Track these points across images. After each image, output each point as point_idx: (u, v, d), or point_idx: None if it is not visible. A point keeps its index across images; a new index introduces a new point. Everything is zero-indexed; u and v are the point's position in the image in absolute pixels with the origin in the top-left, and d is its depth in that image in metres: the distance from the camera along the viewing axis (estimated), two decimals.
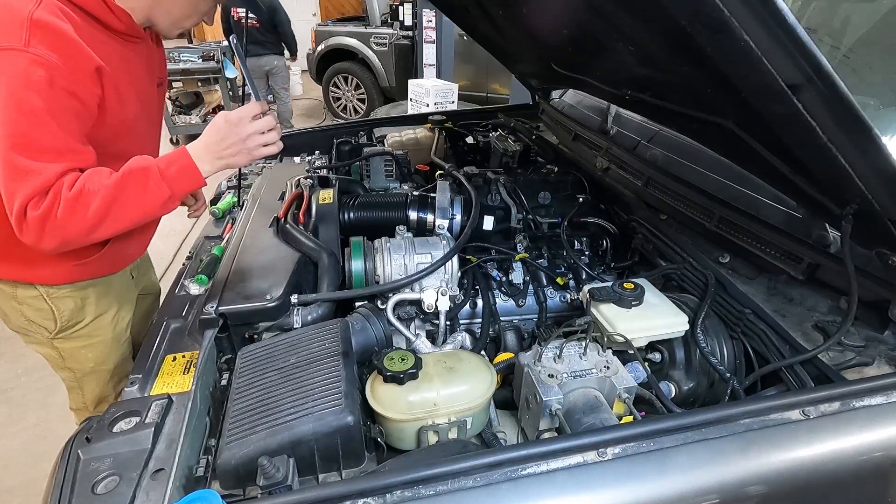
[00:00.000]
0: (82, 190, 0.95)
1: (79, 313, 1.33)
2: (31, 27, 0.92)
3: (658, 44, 1.01)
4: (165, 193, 1.01)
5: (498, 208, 1.55)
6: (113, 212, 0.97)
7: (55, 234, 0.96)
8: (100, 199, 0.96)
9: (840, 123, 0.76)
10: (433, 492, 0.69)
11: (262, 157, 1.10)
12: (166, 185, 1.01)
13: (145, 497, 0.74)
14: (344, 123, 2.52)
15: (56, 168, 0.95)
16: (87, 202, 0.95)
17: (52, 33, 0.95)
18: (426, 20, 5.44)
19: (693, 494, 0.73)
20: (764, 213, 1.18)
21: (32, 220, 0.94)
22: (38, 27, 0.93)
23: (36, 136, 0.94)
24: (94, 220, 0.96)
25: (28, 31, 0.92)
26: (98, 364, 1.42)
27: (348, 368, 0.94)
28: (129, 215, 1.01)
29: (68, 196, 0.94)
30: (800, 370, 0.95)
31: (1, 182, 0.96)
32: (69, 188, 0.95)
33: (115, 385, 1.47)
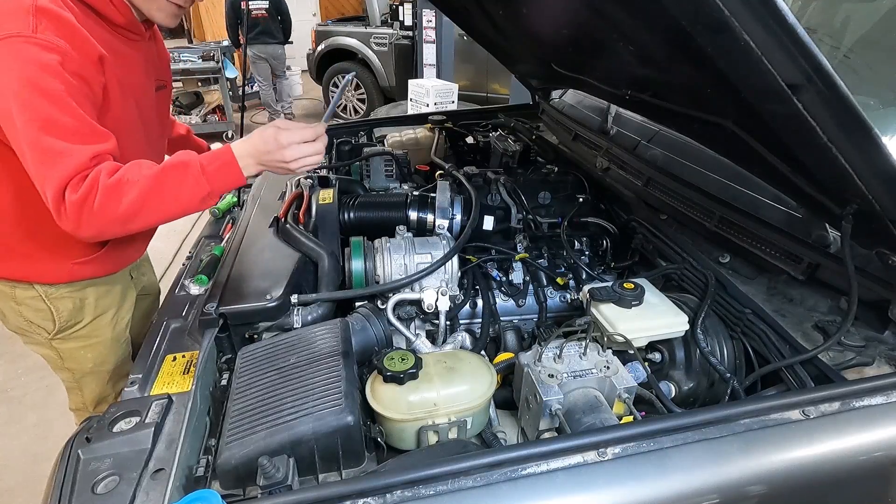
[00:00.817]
0: (121, 179, 0.95)
1: (77, 314, 1.33)
2: (37, 14, 0.93)
3: (658, 44, 1.01)
4: (205, 189, 1.01)
5: (498, 208, 1.55)
6: (151, 203, 0.97)
7: (93, 221, 0.96)
8: (138, 189, 0.96)
9: (840, 123, 0.76)
10: (433, 492, 0.69)
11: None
12: (206, 181, 1.00)
13: (145, 497, 0.74)
14: (344, 123, 2.52)
15: (88, 150, 0.95)
16: (125, 191, 0.95)
17: (57, 20, 0.95)
18: (426, 20, 5.44)
19: (693, 494, 0.73)
20: (764, 213, 1.18)
21: (71, 205, 0.94)
22: (44, 14, 0.94)
23: (62, 118, 0.93)
24: (131, 210, 0.96)
25: (34, 18, 0.92)
26: (97, 364, 1.42)
27: (348, 368, 0.94)
28: (167, 208, 1.00)
29: (107, 183, 0.94)
30: (800, 370, 0.95)
31: (33, 168, 0.95)
32: (108, 175, 0.94)
33: (114, 385, 1.47)
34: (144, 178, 0.97)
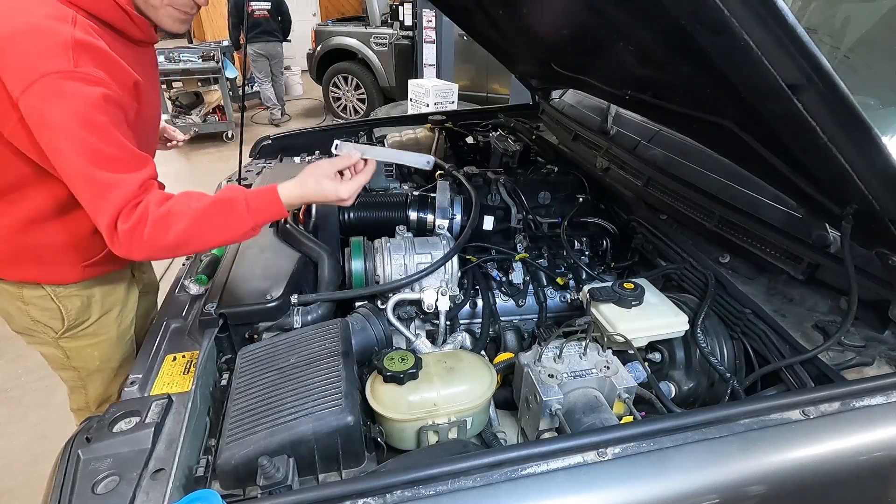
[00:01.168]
0: (170, 211, 0.99)
1: (85, 311, 1.33)
2: (76, 47, 0.93)
3: (658, 44, 1.01)
4: (248, 224, 1.05)
5: (498, 208, 1.55)
6: (197, 235, 1.02)
7: (143, 248, 1.00)
8: (185, 221, 0.99)
9: (840, 123, 0.76)
10: (433, 492, 0.69)
11: None
12: (250, 217, 1.05)
13: (145, 497, 0.74)
14: (344, 123, 2.52)
15: (136, 178, 0.98)
16: (173, 223, 0.98)
17: (94, 51, 0.96)
18: (426, 20, 5.44)
19: (693, 494, 0.73)
20: (764, 213, 1.18)
21: (123, 234, 0.97)
22: (82, 47, 0.94)
23: (109, 150, 0.96)
24: (179, 240, 1.00)
25: (74, 52, 0.93)
26: (104, 362, 1.42)
27: (348, 368, 0.94)
28: (212, 239, 1.06)
29: (156, 215, 0.98)
30: (800, 370, 0.95)
31: (86, 201, 0.99)
32: (157, 206, 0.98)
33: (117, 384, 1.47)
34: (192, 211, 1.01)
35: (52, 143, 0.96)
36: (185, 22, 1.15)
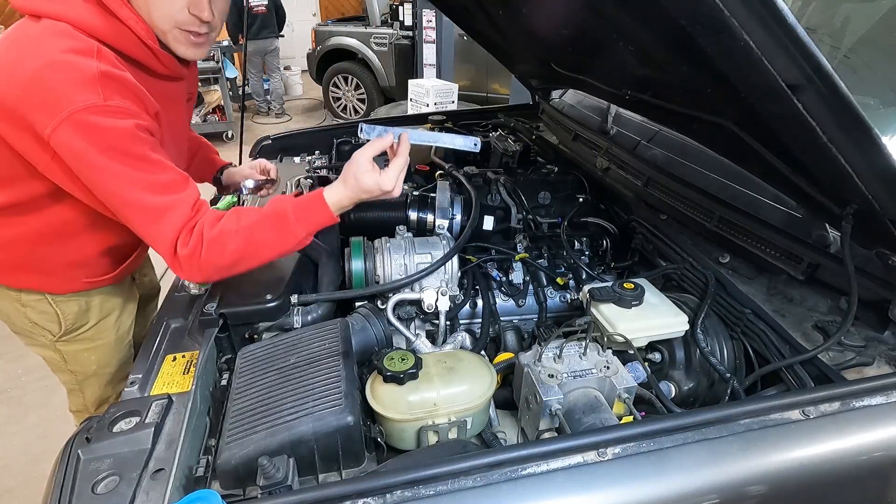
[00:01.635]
0: (222, 230, 1.00)
1: (83, 316, 1.33)
2: (102, 80, 0.91)
3: (658, 44, 1.01)
4: (300, 234, 1.05)
5: (498, 208, 1.55)
6: (251, 252, 1.03)
7: (203, 269, 1.01)
8: (238, 240, 1.00)
9: (840, 123, 0.76)
10: (433, 492, 0.69)
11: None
12: (300, 227, 1.04)
13: (145, 497, 0.74)
14: (344, 123, 2.52)
15: (187, 197, 1.00)
16: (227, 242, 1.00)
17: (120, 83, 0.95)
18: (426, 20, 5.44)
19: (693, 494, 0.73)
20: (764, 213, 1.18)
21: (184, 259, 0.98)
22: (109, 79, 0.93)
23: (156, 176, 0.97)
24: (234, 259, 1.01)
25: (102, 86, 0.91)
26: (101, 367, 1.42)
27: (348, 368, 0.94)
28: (266, 254, 1.06)
29: (210, 237, 0.98)
30: (800, 370, 0.95)
31: (143, 231, 0.99)
32: (210, 227, 0.99)
33: (115, 387, 1.47)
34: (243, 228, 1.01)
35: (96, 180, 0.94)
36: (198, 46, 1.09)
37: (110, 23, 0.97)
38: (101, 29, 0.96)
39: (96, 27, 0.96)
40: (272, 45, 6.87)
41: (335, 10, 10.68)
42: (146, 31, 1.01)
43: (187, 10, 1.01)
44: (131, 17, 0.99)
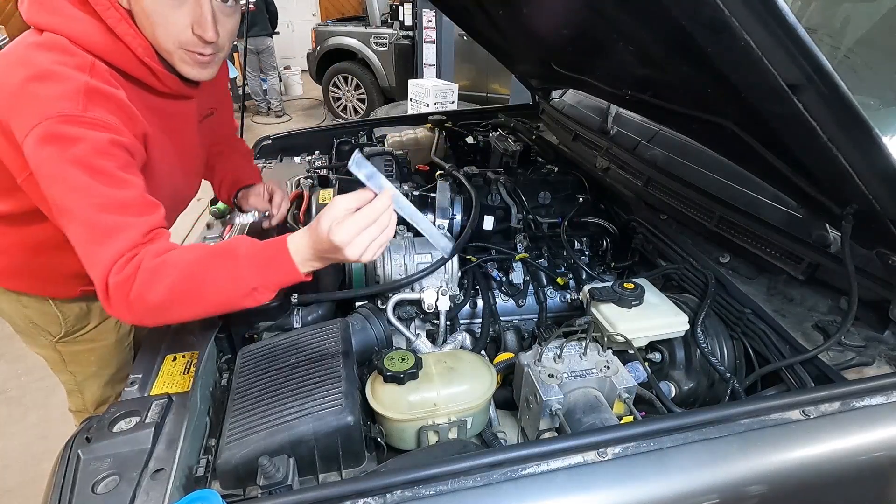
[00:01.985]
0: (165, 262, 0.86)
1: (84, 318, 1.33)
2: (87, 93, 0.88)
3: (658, 44, 1.01)
4: (251, 282, 0.88)
5: (498, 208, 1.55)
6: (188, 291, 0.87)
7: (132, 307, 0.87)
8: (177, 273, 0.86)
9: (840, 123, 0.76)
10: (433, 492, 0.69)
11: None
12: (253, 274, 0.88)
13: (145, 497, 0.74)
14: (344, 123, 2.52)
15: (143, 223, 0.89)
16: (164, 275, 0.86)
17: (106, 98, 0.91)
18: (426, 20, 5.44)
19: (693, 494, 0.73)
20: (764, 213, 1.18)
21: (113, 289, 0.86)
22: (95, 92, 0.90)
23: (113, 192, 0.88)
24: (168, 296, 0.86)
25: (84, 97, 0.88)
26: (100, 368, 1.42)
27: (348, 368, 0.94)
28: (207, 299, 0.89)
29: (148, 265, 0.86)
30: (800, 370, 0.95)
31: (81, 249, 0.88)
32: (153, 257, 0.87)
33: (114, 388, 1.47)
34: (186, 262, 0.87)
35: (50, 188, 0.87)
36: (204, 66, 1.04)
37: (108, 39, 0.95)
38: (100, 45, 0.94)
39: (94, 43, 0.94)
40: (264, 43, 6.86)
41: (335, 10, 10.68)
42: (145, 49, 0.97)
43: (191, 29, 0.96)
44: (129, 34, 0.95)
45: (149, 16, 0.94)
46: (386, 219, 0.88)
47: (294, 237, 0.91)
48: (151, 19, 0.94)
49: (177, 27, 0.95)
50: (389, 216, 0.88)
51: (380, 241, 0.88)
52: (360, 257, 0.87)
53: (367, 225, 0.86)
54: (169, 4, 0.93)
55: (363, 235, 0.86)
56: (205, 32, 0.96)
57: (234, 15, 1.03)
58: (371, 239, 0.86)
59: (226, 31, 1.02)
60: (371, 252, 0.87)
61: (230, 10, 1.01)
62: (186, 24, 0.96)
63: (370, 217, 0.86)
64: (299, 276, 0.91)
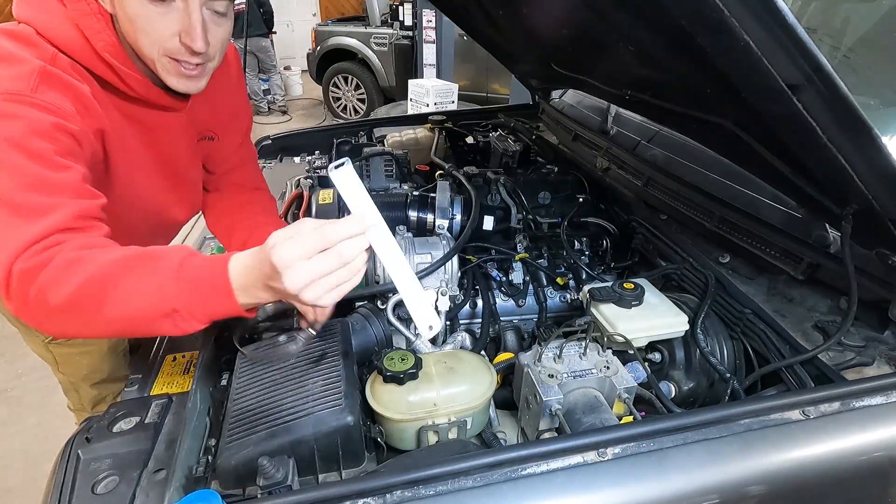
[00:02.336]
0: (83, 256, 0.72)
1: None
2: (42, 75, 0.83)
3: (658, 44, 1.01)
4: (171, 302, 0.72)
5: (498, 208, 1.55)
6: (96, 296, 0.72)
7: (29, 305, 0.74)
8: (92, 270, 0.71)
9: (840, 123, 0.76)
10: (433, 492, 0.69)
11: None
12: (179, 292, 0.72)
13: (145, 497, 0.74)
14: (344, 123, 2.52)
15: (75, 205, 0.78)
16: (77, 271, 0.71)
17: (62, 85, 0.86)
18: (426, 20, 5.44)
19: (693, 494, 0.73)
20: (764, 213, 1.18)
21: (16, 277, 0.72)
22: (48, 76, 0.84)
23: (44, 173, 0.78)
24: (72, 298, 0.71)
25: (37, 79, 0.83)
26: (91, 372, 1.41)
27: (348, 368, 0.94)
28: (116, 309, 0.73)
29: (65, 256, 0.72)
30: (800, 370, 0.95)
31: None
32: (75, 248, 0.74)
33: (109, 388, 1.46)
34: (106, 260, 0.72)
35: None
36: (191, 78, 0.96)
37: (72, 33, 0.89)
38: (62, 37, 0.89)
39: (58, 35, 0.88)
40: (260, 43, 6.86)
41: (335, 10, 10.68)
42: (108, 45, 0.90)
43: (178, 38, 0.89)
44: (92, 27, 0.89)
45: (132, 21, 0.87)
46: (351, 251, 0.68)
47: (240, 255, 0.75)
48: (135, 24, 0.88)
49: (162, 35, 0.89)
50: (357, 250, 0.69)
51: (336, 279, 0.69)
52: (303, 293, 0.67)
53: (321, 249, 0.67)
54: (155, 10, 0.86)
55: (313, 264, 0.67)
56: (193, 42, 0.89)
57: (226, 24, 0.96)
58: (323, 271, 0.67)
59: (217, 41, 0.95)
60: (321, 289, 0.68)
61: (221, 18, 0.95)
62: (173, 32, 0.89)
63: (328, 240, 0.67)
64: (235, 307, 0.74)
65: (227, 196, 1.35)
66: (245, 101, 1.35)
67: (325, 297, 0.70)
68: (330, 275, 0.69)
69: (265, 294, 0.73)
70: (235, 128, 1.32)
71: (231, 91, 1.26)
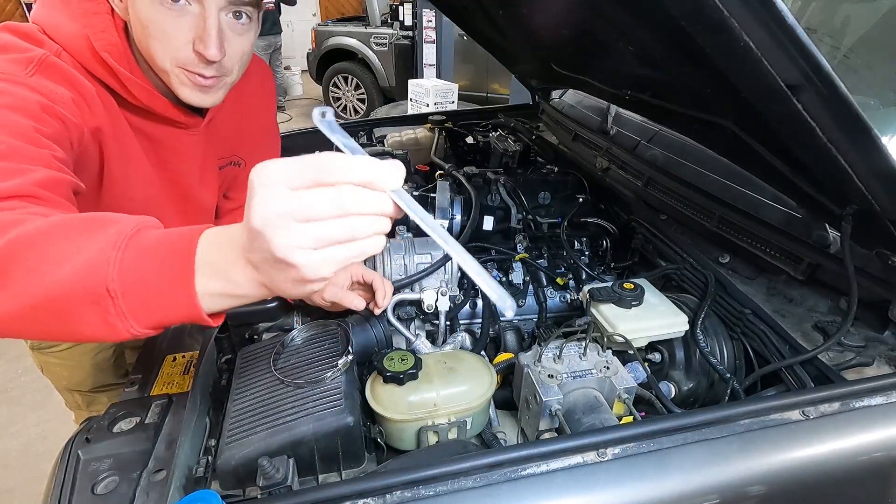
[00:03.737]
0: (20, 219, 0.57)
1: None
2: (42, 63, 0.80)
3: (658, 44, 1.01)
4: (99, 282, 0.51)
5: (498, 208, 1.55)
6: (12, 257, 0.54)
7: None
8: (23, 231, 0.55)
9: (840, 124, 0.76)
10: (433, 492, 0.69)
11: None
12: (113, 266, 0.51)
13: (145, 497, 0.74)
14: (344, 123, 2.52)
15: (43, 173, 0.67)
16: (4, 232, 0.55)
17: (59, 74, 0.82)
18: (426, 20, 5.44)
19: (693, 495, 0.73)
20: (764, 213, 1.18)
21: None
22: (48, 66, 0.81)
23: (19, 146, 0.69)
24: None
25: (38, 67, 0.79)
26: (72, 384, 1.38)
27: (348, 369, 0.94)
28: (29, 279, 0.53)
29: (3, 217, 0.58)
30: (800, 370, 0.95)
31: None
32: (18, 212, 0.60)
33: (97, 396, 1.43)
34: (44, 222, 0.57)
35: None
36: (205, 91, 0.90)
37: (73, 29, 0.85)
38: (64, 35, 0.85)
39: (60, 33, 0.85)
40: (278, 41, 6.95)
41: (335, 10, 10.68)
42: (108, 45, 0.85)
43: (192, 46, 0.84)
44: (93, 24, 0.84)
45: (145, 26, 0.83)
46: (356, 202, 0.48)
47: (217, 227, 0.55)
48: (148, 30, 0.83)
49: (176, 42, 0.84)
50: (369, 202, 0.49)
51: (338, 235, 0.48)
52: (294, 256, 0.46)
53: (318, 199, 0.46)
54: (169, 14, 0.81)
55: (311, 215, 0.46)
56: (206, 49, 0.83)
57: (245, 34, 0.90)
58: (328, 235, 0.47)
59: (234, 52, 0.88)
60: (321, 257, 0.48)
61: (242, 28, 0.88)
62: (187, 40, 0.84)
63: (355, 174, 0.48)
64: (191, 298, 0.51)
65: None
66: (275, 126, 1.28)
67: (327, 265, 0.49)
68: (333, 235, 0.47)
69: (240, 276, 0.51)
70: (262, 156, 1.29)
71: (262, 114, 1.20)
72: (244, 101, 0.99)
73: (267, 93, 1.24)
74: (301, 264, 0.47)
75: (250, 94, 1.03)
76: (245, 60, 0.93)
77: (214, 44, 0.83)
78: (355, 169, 0.48)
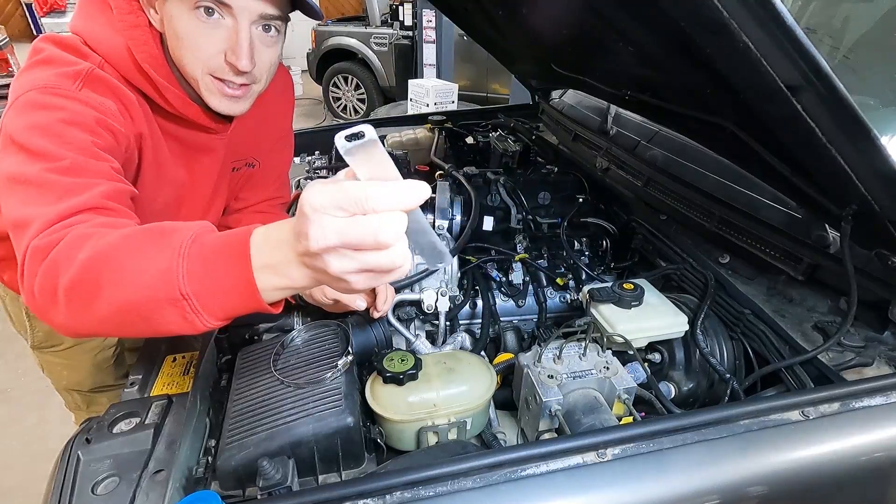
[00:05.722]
0: (95, 232, 0.66)
1: (55, 336, 1.29)
2: (88, 76, 0.83)
3: (657, 44, 1.01)
4: (173, 288, 0.60)
5: (498, 208, 1.55)
6: (98, 273, 0.62)
7: (35, 287, 0.65)
8: (101, 244, 0.63)
9: (839, 124, 0.76)
10: (433, 493, 0.69)
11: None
12: (182, 273, 0.60)
13: (145, 498, 0.74)
14: (344, 124, 2.52)
15: (109, 186, 0.75)
16: (86, 245, 0.63)
17: (105, 86, 0.85)
18: (426, 20, 5.44)
19: (693, 495, 0.73)
20: (764, 214, 1.18)
21: (31, 255, 0.66)
22: (94, 79, 0.84)
23: (82, 161, 0.75)
24: (77, 276, 0.63)
25: (84, 80, 0.83)
26: (71, 384, 1.39)
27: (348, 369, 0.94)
28: (116, 291, 0.62)
29: (78, 231, 0.65)
30: (799, 371, 0.95)
31: (18, 214, 0.71)
32: (92, 226, 0.68)
33: (96, 397, 1.44)
34: (116, 235, 0.64)
35: (6, 156, 0.75)
36: (234, 100, 0.93)
37: (115, 41, 0.89)
38: (106, 47, 0.88)
39: (101, 45, 0.88)
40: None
41: (335, 10, 10.68)
42: (149, 57, 0.89)
43: (223, 56, 0.87)
44: (134, 37, 0.88)
45: (180, 38, 0.86)
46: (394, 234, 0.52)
47: (265, 226, 0.62)
48: (182, 42, 0.87)
49: (207, 52, 0.87)
50: (400, 228, 0.52)
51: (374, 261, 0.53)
52: (346, 277, 0.54)
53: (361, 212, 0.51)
54: (203, 27, 0.85)
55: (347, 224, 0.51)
56: (238, 61, 0.86)
57: (274, 46, 0.93)
58: (374, 263, 0.53)
59: (263, 63, 0.92)
60: (365, 279, 0.56)
61: (271, 40, 0.92)
62: (219, 50, 0.87)
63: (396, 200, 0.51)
64: (253, 291, 0.60)
65: (243, 220, 1.30)
66: (291, 130, 1.31)
67: (367, 281, 0.56)
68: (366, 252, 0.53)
69: (295, 271, 0.58)
70: (277, 159, 1.29)
71: (281, 119, 1.24)
72: (265, 106, 1.03)
73: (287, 99, 1.26)
74: (352, 282, 0.56)
75: (272, 99, 1.06)
76: (272, 70, 0.97)
77: (246, 55, 0.87)
78: (396, 199, 0.52)
